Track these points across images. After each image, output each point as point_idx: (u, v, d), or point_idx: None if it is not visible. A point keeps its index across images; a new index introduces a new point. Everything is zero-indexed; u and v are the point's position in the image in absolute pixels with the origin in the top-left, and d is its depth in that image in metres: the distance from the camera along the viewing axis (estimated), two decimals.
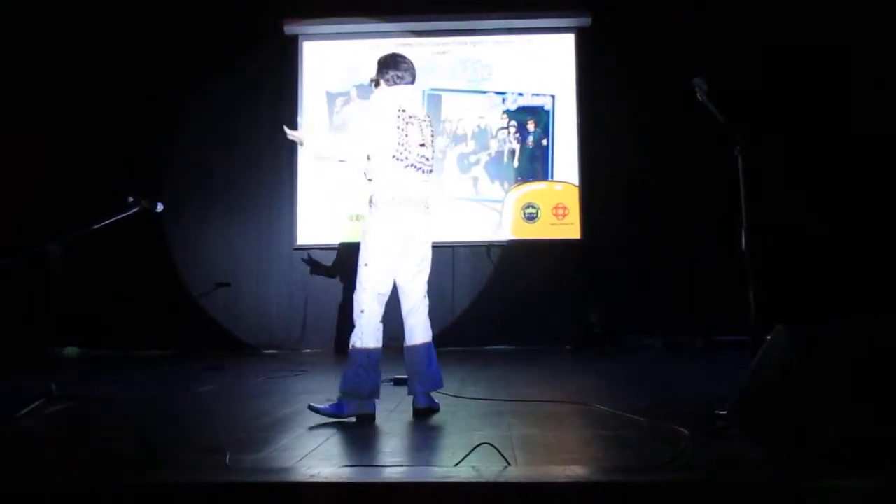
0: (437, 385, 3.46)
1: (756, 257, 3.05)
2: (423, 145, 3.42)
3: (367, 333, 3.27)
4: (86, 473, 2.25)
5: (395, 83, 3.48)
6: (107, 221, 4.03)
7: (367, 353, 3.25)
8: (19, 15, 7.24)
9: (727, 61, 6.83)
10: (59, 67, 7.48)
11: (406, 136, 3.35)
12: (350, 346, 3.29)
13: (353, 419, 3.17)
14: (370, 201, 3.36)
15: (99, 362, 6.81)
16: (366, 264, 3.32)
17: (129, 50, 7.70)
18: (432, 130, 3.54)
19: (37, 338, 5.97)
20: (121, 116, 7.62)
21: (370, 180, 3.40)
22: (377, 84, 3.52)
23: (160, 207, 4.18)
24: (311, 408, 3.26)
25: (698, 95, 3.20)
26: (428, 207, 3.45)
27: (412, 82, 3.54)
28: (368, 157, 3.38)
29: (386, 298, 3.38)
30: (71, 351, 7.33)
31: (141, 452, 2.64)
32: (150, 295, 7.49)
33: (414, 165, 3.37)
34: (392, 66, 3.49)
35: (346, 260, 7.20)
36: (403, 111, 3.38)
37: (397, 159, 3.32)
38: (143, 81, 7.69)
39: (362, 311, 3.28)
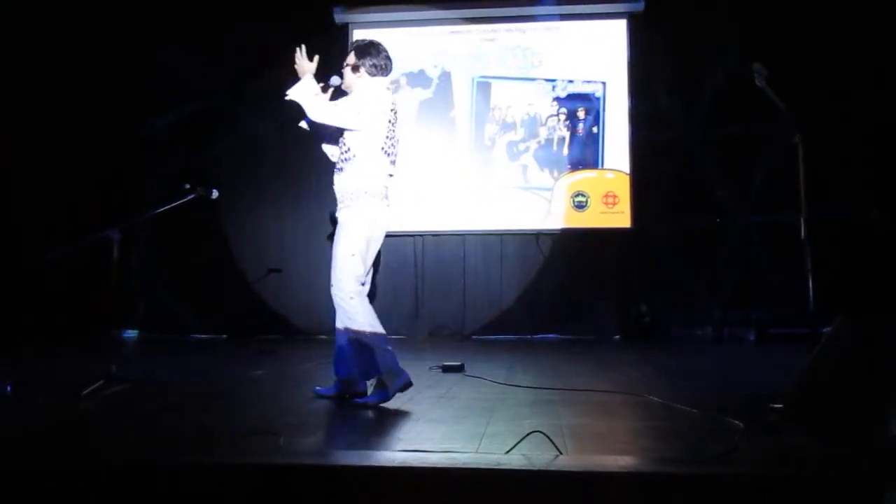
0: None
1: (815, 248, 2.97)
2: (398, 142, 3.49)
3: (369, 316, 3.29)
4: (145, 453, 2.32)
5: (377, 74, 3.49)
6: (164, 208, 4.12)
7: (378, 335, 3.28)
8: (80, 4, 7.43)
9: (786, 46, 6.63)
10: (114, 58, 7.67)
11: (393, 131, 3.43)
12: (356, 334, 3.28)
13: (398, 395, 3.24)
14: (353, 191, 3.34)
15: (155, 345, 7.01)
16: (353, 254, 3.31)
17: (184, 39, 7.86)
18: None
19: (97, 321, 6.19)
20: (177, 106, 7.81)
21: (346, 164, 3.37)
22: (356, 69, 3.50)
23: (215, 194, 4.26)
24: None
25: (757, 81, 3.11)
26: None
27: (389, 74, 3.56)
28: (345, 144, 3.37)
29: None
30: (129, 334, 7.57)
31: (198, 433, 2.71)
32: (205, 280, 7.68)
33: (393, 162, 3.46)
34: (374, 55, 3.49)
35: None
36: (394, 106, 3.46)
37: (386, 153, 3.40)
38: (199, 72, 7.87)
39: (352, 298, 3.28)
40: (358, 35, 7.96)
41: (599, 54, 7.82)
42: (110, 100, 7.66)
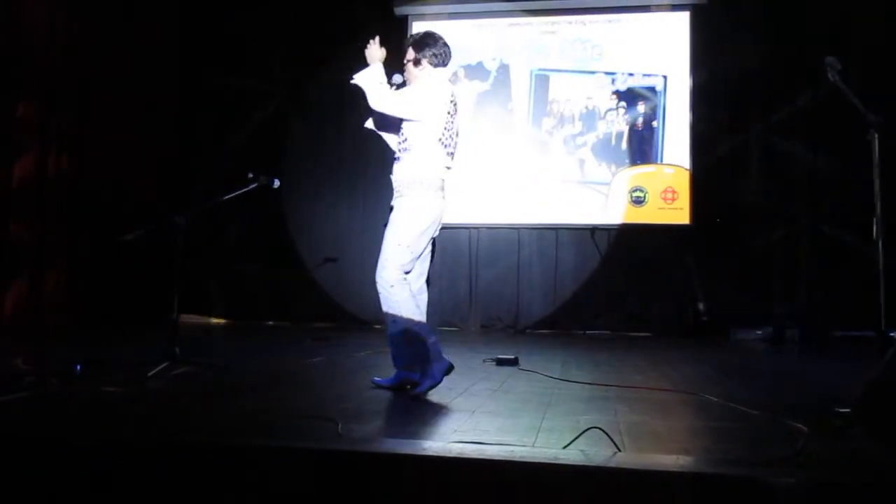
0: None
1: (888, 248, 2.86)
2: (457, 134, 3.48)
3: (410, 304, 3.28)
4: (210, 434, 2.38)
5: (438, 65, 3.48)
6: (227, 196, 4.21)
7: (419, 324, 3.28)
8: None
9: (857, 40, 6.40)
10: (182, 54, 7.88)
11: (451, 123, 3.40)
12: (402, 329, 3.28)
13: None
14: (409, 181, 3.34)
15: (215, 330, 7.18)
16: (399, 244, 3.32)
17: (246, 30, 8.02)
18: None
19: (160, 305, 6.36)
20: (241, 99, 7.99)
21: (404, 154, 3.38)
22: (417, 63, 3.47)
23: (277, 183, 4.33)
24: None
25: (829, 76, 3.00)
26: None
27: (449, 62, 3.53)
28: (403, 134, 3.38)
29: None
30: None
31: (257, 416, 2.77)
32: (262, 267, 7.84)
33: (451, 154, 3.43)
34: (432, 45, 3.47)
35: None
36: (454, 97, 3.43)
37: (443, 144, 3.37)
38: (261, 62, 8.02)
39: (392, 286, 3.29)
40: (417, 27, 8.01)
41: (661, 47, 7.68)
42: (176, 91, 7.87)
